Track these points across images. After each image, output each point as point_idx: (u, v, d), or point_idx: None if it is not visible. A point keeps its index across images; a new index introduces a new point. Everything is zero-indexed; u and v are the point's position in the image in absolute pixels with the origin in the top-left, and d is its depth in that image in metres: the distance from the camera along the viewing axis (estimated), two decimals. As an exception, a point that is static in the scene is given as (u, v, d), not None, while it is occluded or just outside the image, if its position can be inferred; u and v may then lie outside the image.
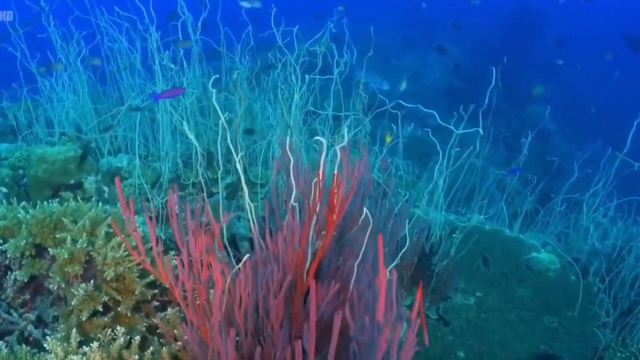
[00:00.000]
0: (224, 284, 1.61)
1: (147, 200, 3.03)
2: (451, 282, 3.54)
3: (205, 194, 3.28)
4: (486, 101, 2.97)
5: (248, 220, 3.23)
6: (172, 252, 2.36)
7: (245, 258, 1.60)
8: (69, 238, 2.04)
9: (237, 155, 2.05)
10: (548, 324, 3.49)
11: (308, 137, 3.69)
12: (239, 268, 1.65)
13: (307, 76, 3.21)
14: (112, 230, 2.17)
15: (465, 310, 3.52)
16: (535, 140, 10.79)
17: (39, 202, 2.37)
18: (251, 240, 3.08)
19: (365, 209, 1.89)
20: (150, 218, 2.95)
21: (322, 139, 1.68)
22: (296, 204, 1.92)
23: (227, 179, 3.58)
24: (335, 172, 1.56)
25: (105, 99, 4.02)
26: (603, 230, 4.28)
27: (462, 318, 3.49)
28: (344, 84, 3.55)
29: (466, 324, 3.47)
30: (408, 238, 2.61)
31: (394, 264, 2.14)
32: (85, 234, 2.07)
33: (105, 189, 2.99)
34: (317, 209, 1.78)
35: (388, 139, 2.44)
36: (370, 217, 1.73)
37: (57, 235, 2.07)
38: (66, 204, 2.19)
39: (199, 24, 3.45)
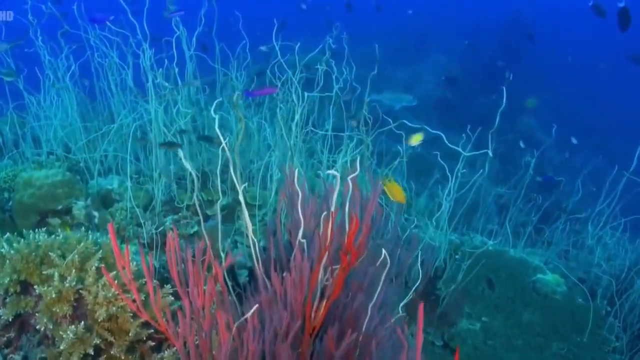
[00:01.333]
0: (230, 337, 1.46)
1: (140, 225, 2.87)
2: (458, 309, 3.41)
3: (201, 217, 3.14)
4: (497, 120, 2.81)
5: (247, 246, 3.09)
6: (169, 286, 2.20)
7: (253, 310, 1.45)
8: (56, 275, 1.88)
9: (237, 179, 1.90)
10: (557, 350, 3.36)
11: (307, 155, 3.56)
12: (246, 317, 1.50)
13: (306, 94, 3.07)
14: (104, 264, 2.01)
15: (471, 337, 3.39)
16: (528, 152, 10.73)
17: (24, 232, 2.22)
18: (251, 270, 2.94)
19: (375, 240, 1.76)
20: (144, 245, 2.80)
21: (335, 172, 1.55)
22: (304, 240, 1.78)
23: (222, 201, 3.43)
24: (353, 214, 1.42)
25: (95, 116, 3.86)
26: (609, 250, 4.16)
27: (468, 345, 3.36)
28: (344, 102, 3.43)
29: (472, 351, 3.33)
30: (420, 271, 2.47)
31: (406, 300, 2.00)
32: (74, 270, 1.92)
33: (96, 214, 2.83)
34: (328, 247, 1.64)
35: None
36: (388, 258, 1.59)
37: (44, 272, 1.91)
38: (53, 236, 2.03)
39: (194, 39, 3.31)
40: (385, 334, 1.74)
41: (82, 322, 1.85)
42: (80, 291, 1.89)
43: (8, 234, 2.09)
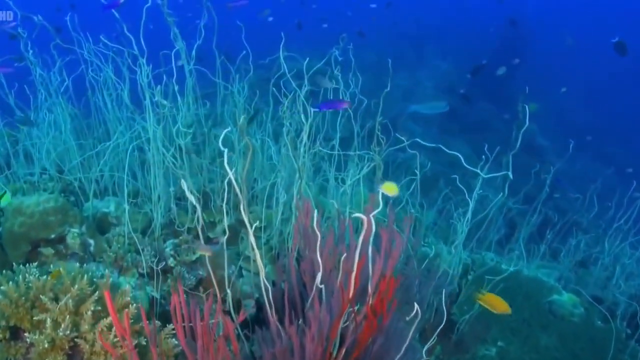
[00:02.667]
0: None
1: (138, 252, 2.70)
2: (473, 334, 3.25)
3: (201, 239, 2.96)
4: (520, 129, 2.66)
5: (252, 272, 2.92)
6: (171, 326, 2.03)
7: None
8: (49, 321, 1.71)
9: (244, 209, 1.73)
10: (578, 377, 3.20)
11: (313, 171, 3.39)
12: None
13: (311, 109, 2.89)
14: (100, 307, 1.84)
15: (487, 363, 3.23)
16: (527, 158, 10.59)
17: (15, 268, 2.05)
18: (258, 303, 2.76)
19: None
20: (143, 275, 2.63)
21: (363, 216, 1.39)
22: (322, 286, 1.61)
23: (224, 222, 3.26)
24: (387, 276, 1.25)
25: (90, 133, 3.68)
26: (627, 268, 4.01)
27: (484, 372, 3.20)
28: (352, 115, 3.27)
29: (489, 379, 3.17)
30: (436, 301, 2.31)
31: (430, 344, 1.84)
32: (68, 315, 1.75)
33: (91, 241, 2.66)
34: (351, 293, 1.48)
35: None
36: (419, 312, 1.42)
37: (36, 317, 1.74)
38: (45, 276, 1.86)
39: (193, 52, 3.14)
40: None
41: (78, 374, 1.68)
42: (76, 340, 1.72)
43: (-4, 272, 1.91)
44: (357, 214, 1.43)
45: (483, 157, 3.14)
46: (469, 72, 8.61)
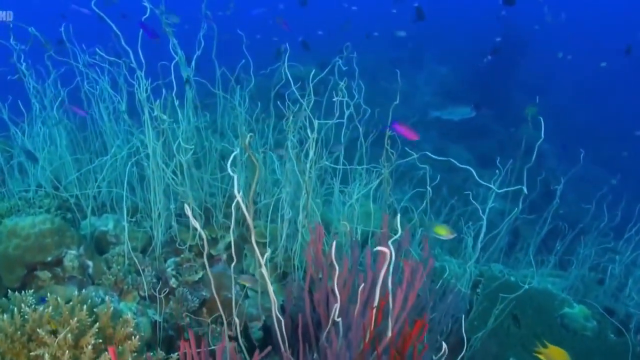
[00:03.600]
0: None
1: (139, 272, 2.59)
2: (483, 350, 3.14)
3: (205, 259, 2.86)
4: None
5: (259, 292, 2.81)
6: (176, 355, 1.92)
7: None
8: (47, 357, 1.60)
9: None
10: (594, 396, 3.10)
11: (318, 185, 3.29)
12: None
13: (316, 121, 2.79)
14: (101, 339, 1.73)
15: (499, 382, 3.13)
16: (528, 162, 10.48)
17: (9, 294, 1.95)
18: (266, 327, 2.65)
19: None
20: (144, 298, 2.52)
21: (386, 250, 1.29)
22: (339, 320, 1.51)
23: (226, 238, 3.16)
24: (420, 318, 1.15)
25: (86, 147, 3.57)
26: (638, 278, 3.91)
27: (497, 391, 3.09)
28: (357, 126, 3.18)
29: (502, 398, 3.07)
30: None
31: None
32: (67, 350, 1.64)
33: (90, 263, 2.54)
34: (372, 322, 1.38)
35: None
36: (447, 350, 1.32)
37: (33, 352, 1.63)
38: (42, 308, 1.75)
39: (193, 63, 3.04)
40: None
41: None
42: (75, 377, 1.61)
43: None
44: (379, 248, 1.33)
45: (491, 164, 3.03)
46: (489, 52, 8.53)
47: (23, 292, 1.98)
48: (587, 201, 4.57)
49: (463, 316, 2.78)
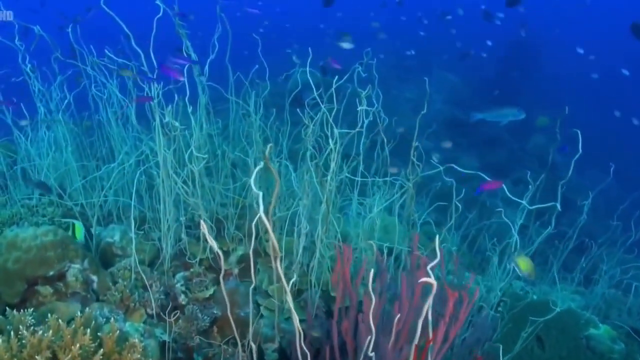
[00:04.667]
0: None
1: (145, 287, 2.43)
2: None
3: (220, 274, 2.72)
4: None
5: (271, 310, 2.66)
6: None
7: None
8: (46, 388, 1.44)
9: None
10: None
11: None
12: None
13: (336, 130, 2.62)
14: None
15: (524, 409, 2.96)
16: (542, 173, 10.29)
17: (7, 312, 1.79)
18: (282, 349, 2.49)
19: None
20: (152, 316, 2.36)
21: (432, 281, 1.14)
22: (373, 354, 1.35)
23: (238, 250, 3.00)
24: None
25: (93, 153, 3.42)
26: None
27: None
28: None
29: None
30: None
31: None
32: (69, 381, 1.48)
33: (94, 278, 2.38)
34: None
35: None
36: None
37: (30, 383, 1.48)
38: (41, 331, 1.59)
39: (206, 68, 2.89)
40: None
41: None
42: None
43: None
44: (424, 279, 1.18)
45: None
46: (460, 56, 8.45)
47: (22, 310, 1.82)
48: (605, 215, 4.41)
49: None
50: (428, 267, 1.49)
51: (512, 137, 11.03)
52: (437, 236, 1.58)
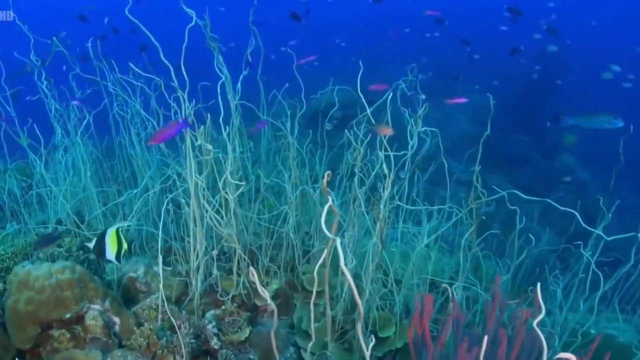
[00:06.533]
0: None
1: (173, 328, 2.14)
2: None
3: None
4: None
5: (313, 353, 2.36)
6: None
7: None
8: None
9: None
10: None
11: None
12: None
13: (391, 153, 2.33)
14: None
15: None
16: (571, 192, 9.93)
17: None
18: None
19: None
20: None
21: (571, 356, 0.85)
22: None
23: (273, 284, 2.71)
24: None
25: (114, 178, 3.17)
26: None
27: None
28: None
29: None
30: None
31: None
32: None
33: (117, 320, 2.11)
34: None
35: None
36: None
37: None
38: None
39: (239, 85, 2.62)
40: None
41: None
42: None
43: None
44: (564, 355, 0.89)
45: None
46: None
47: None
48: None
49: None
50: (535, 324, 1.19)
51: (539, 155, 10.75)
52: (538, 284, 1.29)
